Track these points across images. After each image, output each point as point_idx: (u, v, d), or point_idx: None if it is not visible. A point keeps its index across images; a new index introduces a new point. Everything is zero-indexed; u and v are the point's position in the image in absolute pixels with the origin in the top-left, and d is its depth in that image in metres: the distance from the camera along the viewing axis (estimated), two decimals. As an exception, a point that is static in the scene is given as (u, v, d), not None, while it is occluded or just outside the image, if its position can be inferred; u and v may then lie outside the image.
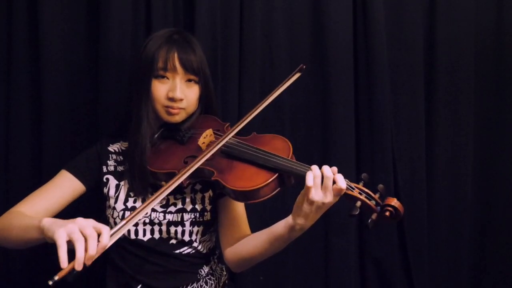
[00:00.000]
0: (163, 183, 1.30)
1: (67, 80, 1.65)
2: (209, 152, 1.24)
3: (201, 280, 1.39)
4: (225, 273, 1.48)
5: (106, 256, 1.39)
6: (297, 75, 1.37)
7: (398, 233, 1.92)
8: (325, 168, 1.16)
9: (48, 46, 1.61)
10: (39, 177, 1.63)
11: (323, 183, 1.15)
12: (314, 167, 1.17)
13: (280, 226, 1.24)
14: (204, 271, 1.40)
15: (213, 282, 1.42)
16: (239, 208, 1.42)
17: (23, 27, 1.62)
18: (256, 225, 1.42)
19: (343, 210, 1.46)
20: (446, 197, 1.99)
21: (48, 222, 1.07)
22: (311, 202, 1.15)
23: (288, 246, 1.40)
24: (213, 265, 1.44)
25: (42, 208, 1.28)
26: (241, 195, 1.23)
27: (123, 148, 1.40)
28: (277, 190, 1.23)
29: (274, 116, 1.80)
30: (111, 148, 1.39)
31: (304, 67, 1.36)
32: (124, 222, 1.07)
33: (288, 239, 1.25)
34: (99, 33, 1.64)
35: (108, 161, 1.37)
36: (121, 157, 1.38)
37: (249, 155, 1.27)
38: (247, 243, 1.34)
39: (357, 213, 1.15)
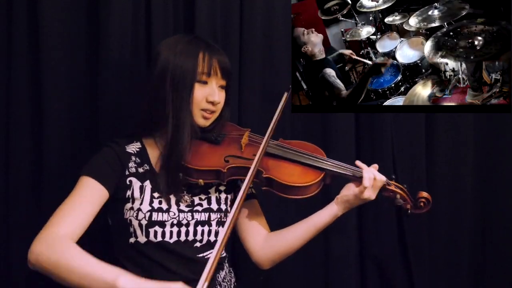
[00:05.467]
0: (200, 181, 1.34)
1: (67, 81, 1.65)
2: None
3: (218, 285, 1.40)
4: (233, 274, 1.50)
5: (117, 261, 1.36)
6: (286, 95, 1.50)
7: (398, 233, 1.93)
8: (376, 173, 1.39)
9: (48, 47, 1.61)
10: (39, 178, 1.64)
11: (374, 184, 1.38)
12: (370, 171, 1.39)
13: (325, 216, 1.41)
14: (221, 276, 1.42)
15: (226, 284, 1.43)
16: (258, 207, 1.51)
17: (23, 28, 1.62)
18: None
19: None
20: (446, 197, 1.99)
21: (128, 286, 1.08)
22: (363, 200, 1.38)
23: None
24: (226, 269, 1.46)
25: (78, 226, 1.23)
26: (291, 190, 1.35)
27: (137, 149, 1.38)
28: (320, 188, 1.39)
29: (273, 113, 1.80)
30: (129, 149, 1.37)
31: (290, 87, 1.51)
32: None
33: (326, 226, 1.43)
34: (99, 33, 1.64)
35: (129, 163, 1.35)
36: (138, 159, 1.37)
37: (296, 156, 1.41)
38: (284, 238, 1.44)
39: (400, 204, 1.42)
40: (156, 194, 1.33)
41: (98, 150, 1.36)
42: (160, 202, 1.33)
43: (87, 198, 1.27)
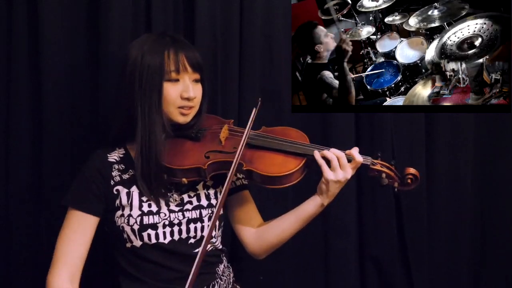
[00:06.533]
0: (184, 179, 1.34)
1: (67, 81, 1.65)
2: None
3: (218, 278, 1.42)
4: (231, 269, 1.51)
5: (118, 266, 1.37)
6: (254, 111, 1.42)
7: (398, 233, 1.92)
8: (334, 150, 1.34)
9: (48, 46, 1.61)
10: (39, 179, 1.64)
11: (340, 162, 1.32)
12: (327, 152, 1.34)
13: (310, 207, 1.38)
14: (220, 270, 1.43)
15: (226, 278, 1.45)
16: (251, 198, 1.50)
17: (23, 27, 1.62)
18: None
19: (343, 210, 1.48)
20: (446, 197, 1.99)
21: None
22: (337, 182, 1.32)
23: (287, 245, 1.47)
24: (225, 263, 1.47)
25: (77, 263, 1.30)
26: (272, 180, 1.34)
27: (120, 155, 1.39)
28: (303, 174, 1.36)
29: (273, 113, 1.80)
30: (111, 158, 1.37)
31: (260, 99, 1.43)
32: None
33: (314, 216, 1.39)
34: (99, 33, 1.64)
35: (113, 173, 1.35)
36: (122, 166, 1.37)
37: (275, 144, 1.38)
38: (274, 228, 1.43)
39: (386, 183, 1.36)
40: (144, 198, 1.33)
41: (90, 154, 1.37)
42: (149, 205, 1.33)
43: (79, 232, 1.31)
